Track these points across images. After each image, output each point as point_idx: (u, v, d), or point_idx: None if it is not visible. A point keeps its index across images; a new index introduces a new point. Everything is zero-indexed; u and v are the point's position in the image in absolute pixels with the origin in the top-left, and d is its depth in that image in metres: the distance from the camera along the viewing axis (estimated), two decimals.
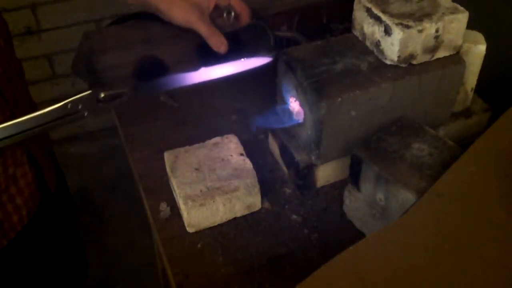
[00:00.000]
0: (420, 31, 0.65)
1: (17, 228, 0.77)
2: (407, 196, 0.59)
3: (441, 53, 0.69)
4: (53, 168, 0.89)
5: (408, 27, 0.65)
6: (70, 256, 0.98)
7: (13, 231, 0.76)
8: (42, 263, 0.87)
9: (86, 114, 0.57)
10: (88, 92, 0.57)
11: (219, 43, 0.81)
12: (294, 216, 0.70)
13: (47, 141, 0.93)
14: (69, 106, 0.57)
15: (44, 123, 0.57)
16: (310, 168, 0.71)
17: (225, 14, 0.82)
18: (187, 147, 0.73)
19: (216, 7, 0.83)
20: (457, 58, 0.70)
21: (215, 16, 0.84)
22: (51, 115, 0.56)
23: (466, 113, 0.78)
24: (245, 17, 0.82)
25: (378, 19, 0.67)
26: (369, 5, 0.68)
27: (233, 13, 0.82)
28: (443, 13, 0.67)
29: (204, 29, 0.81)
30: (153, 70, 0.94)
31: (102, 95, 0.58)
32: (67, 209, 0.97)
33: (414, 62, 0.68)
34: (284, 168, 0.76)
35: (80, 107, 0.57)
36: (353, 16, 0.72)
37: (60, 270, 0.93)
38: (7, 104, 0.72)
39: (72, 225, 0.99)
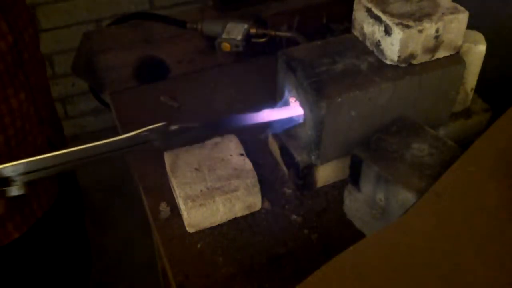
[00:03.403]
0: (420, 31, 0.65)
1: (37, 215, 0.77)
2: (407, 196, 0.59)
3: (441, 53, 0.69)
4: None
5: (408, 27, 0.65)
6: (78, 250, 0.99)
7: (33, 217, 0.77)
8: (51, 256, 0.88)
9: (156, 144, 0.58)
10: (162, 124, 0.59)
11: None
12: (294, 216, 0.70)
13: (63, 132, 0.94)
14: (142, 134, 0.57)
15: (113, 150, 0.57)
16: (310, 168, 0.71)
17: None
18: (187, 147, 0.73)
19: None
20: (457, 58, 0.70)
21: None
22: (123, 142, 0.57)
23: (466, 113, 0.78)
24: None
25: (378, 19, 0.67)
26: (369, 5, 0.68)
27: None
28: (443, 13, 0.67)
29: None
30: (153, 70, 0.95)
31: (174, 127, 0.60)
32: (78, 203, 0.98)
33: (414, 62, 0.68)
34: (284, 168, 0.76)
35: (152, 136, 0.58)
36: (353, 16, 0.72)
37: (68, 261, 0.94)
38: (30, 90, 0.73)
39: (81, 219, 1.01)
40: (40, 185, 0.77)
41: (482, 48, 0.72)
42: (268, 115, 0.66)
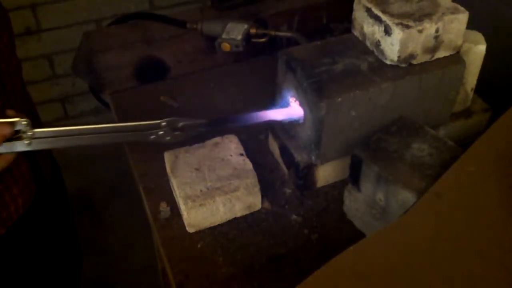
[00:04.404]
0: (420, 31, 0.65)
1: (13, 218, 0.77)
2: (407, 196, 0.59)
3: (441, 53, 0.69)
4: (48, 160, 0.90)
5: (408, 27, 0.65)
6: (65, 247, 0.99)
7: (10, 220, 0.77)
8: (38, 253, 0.87)
9: (161, 137, 0.64)
10: (171, 118, 0.64)
11: None
12: (294, 216, 0.70)
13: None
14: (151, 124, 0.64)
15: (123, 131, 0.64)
16: (310, 168, 0.71)
17: None
18: (187, 147, 0.73)
19: None
20: (457, 58, 0.70)
21: None
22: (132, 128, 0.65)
23: (466, 113, 0.78)
24: None
25: (378, 19, 0.67)
26: (369, 5, 0.68)
27: None
28: (443, 13, 0.67)
29: None
30: (153, 70, 0.95)
31: (181, 124, 0.64)
32: (62, 200, 0.97)
33: (414, 62, 0.68)
34: (284, 168, 0.76)
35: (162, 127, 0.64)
36: (353, 16, 0.72)
37: (55, 260, 0.94)
38: (7, 97, 0.72)
39: (67, 216, 1.00)
40: (15, 187, 0.77)
41: (482, 48, 0.72)
42: (270, 115, 0.68)
